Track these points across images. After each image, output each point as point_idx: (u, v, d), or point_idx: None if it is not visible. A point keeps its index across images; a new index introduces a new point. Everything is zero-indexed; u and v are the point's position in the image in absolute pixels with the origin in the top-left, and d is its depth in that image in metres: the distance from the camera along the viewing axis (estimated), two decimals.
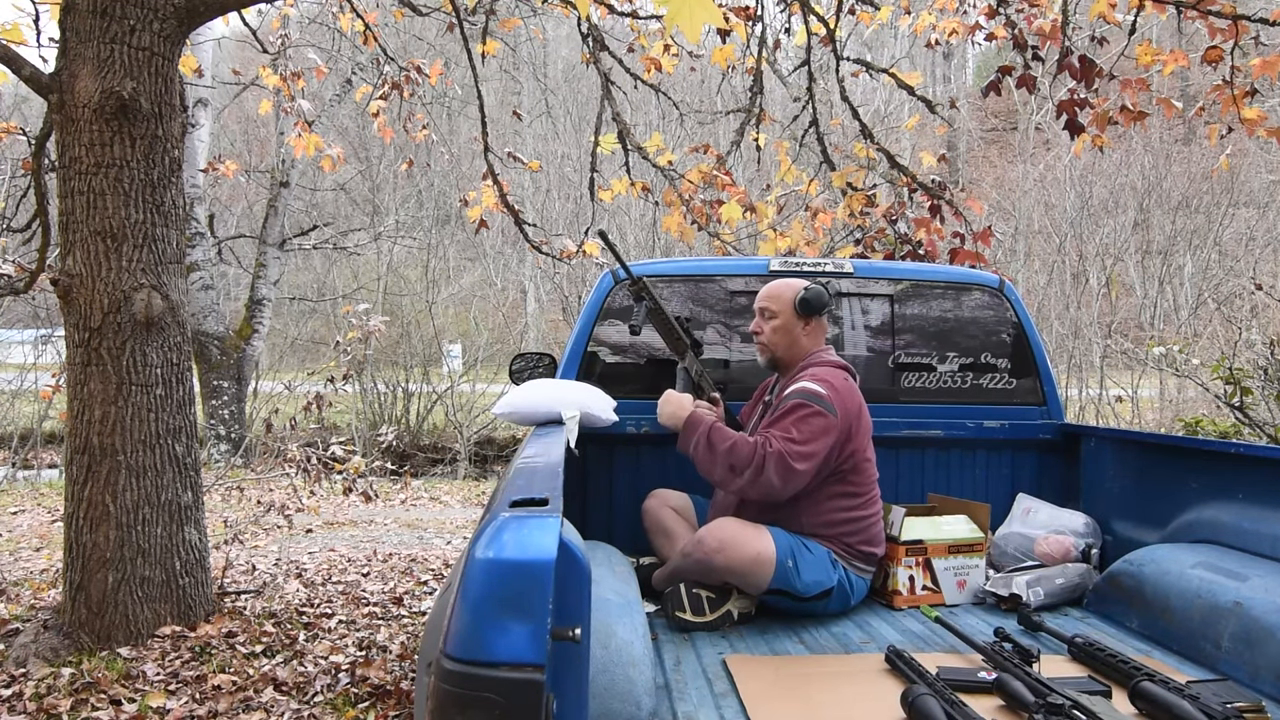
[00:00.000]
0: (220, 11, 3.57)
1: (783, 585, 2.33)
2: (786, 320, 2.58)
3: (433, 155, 13.52)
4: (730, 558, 2.30)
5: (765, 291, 2.63)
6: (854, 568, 2.47)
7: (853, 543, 2.46)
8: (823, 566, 2.39)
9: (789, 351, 2.60)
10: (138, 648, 3.20)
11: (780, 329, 2.58)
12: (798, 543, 2.39)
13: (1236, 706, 1.65)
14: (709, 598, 2.36)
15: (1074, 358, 12.24)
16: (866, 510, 2.51)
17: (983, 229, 4.65)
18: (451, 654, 0.97)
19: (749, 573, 2.31)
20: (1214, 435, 5.87)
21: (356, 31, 6.25)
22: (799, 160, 5.41)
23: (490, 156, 5.17)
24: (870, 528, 2.51)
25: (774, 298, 2.60)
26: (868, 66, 5.16)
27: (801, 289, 2.57)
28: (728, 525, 2.39)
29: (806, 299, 2.55)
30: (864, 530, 2.48)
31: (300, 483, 5.18)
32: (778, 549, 2.33)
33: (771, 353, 2.62)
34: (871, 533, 2.51)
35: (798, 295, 2.56)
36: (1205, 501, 2.50)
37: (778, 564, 2.31)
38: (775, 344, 2.60)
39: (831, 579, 2.39)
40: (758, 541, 2.33)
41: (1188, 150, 16.87)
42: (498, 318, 16.02)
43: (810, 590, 2.35)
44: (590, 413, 2.38)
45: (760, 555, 2.31)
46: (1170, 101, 4.36)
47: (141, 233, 3.28)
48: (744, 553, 2.30)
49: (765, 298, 2.62)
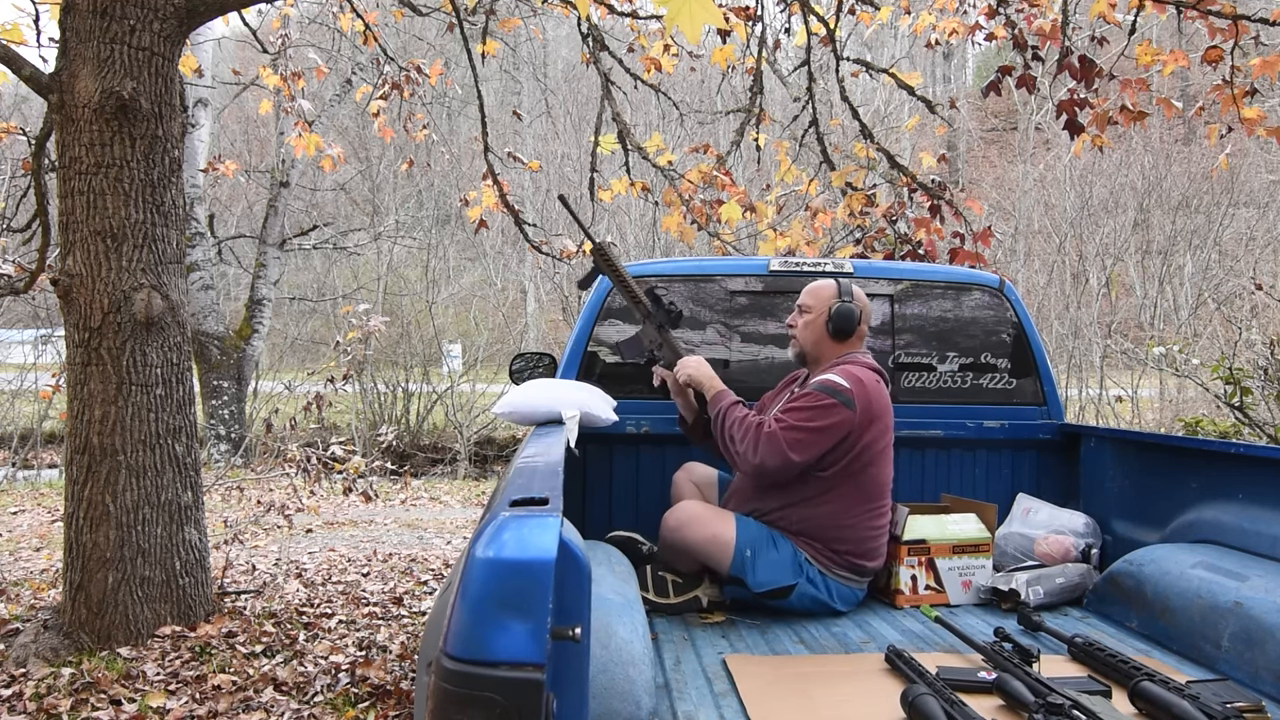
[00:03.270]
0: (220, 11, 3.57)
1: (739, 574, 2.39)
2: (819, 320, 2.59)
3: (433, 155, 13.52)
4: (686, 536, 2.40)
5: (808, 287, 2.66)
6: (836, 576, 2.44)
7: (840, 550, 2.43)
8: (783, 567, 2.39)
9: (815, 348, 2.60)
10: (138, 648, 3.20)
11: (811, 324, 2.60)
12: (766, 537, 2.42)
13: (1236, 706, 1.65)
14: (675, 582, 2.44)
15: (1074, 358, 12.25)
16: (867, 521, 2.46)
17: (983, 229, 4.65)
18: (452, 653, 0.97)
19: (706, 554, 2.40)
20: (1214, 435, 5.87)
21: (356, 31, 6.25)
22: (799, 160, 5.41)
23: (490, 156, 5.17)
24: (867, 540, 2.45)
25: (813, 294, 2.62)
26: (868, 66, 5.16)
27: (837, 302, 2.56)
28: (691, 507, 2.48)
29: (834, 317, 2.55)
30: (858, 540, 2.44)
31: (300, 483, 5.18)
32: (738, 536, 2.39)
33: (800, 347, 2.64)
34: (867, 546, 2.45)
35: (833, 307, 2.56)
36: (1205, 501, 2.50)
37: (736, 550, 2.38)
38: (804, 339, 2.62)
39: (788, 580, 2.39)
40: (716, 525, 2.41)
41: (1188, 150, 16.88)
42: (498, 318, 16.02)
43: (761, 587, 2.38)
44: (590, 412, 2.39)
45: (716, 538, 2.38)
46: (1170, 101, 4.36)
47: (141, 233, 3.28)
48: (700, 533, 2.39)
49: (806, 293, 2.65)
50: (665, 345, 2.79)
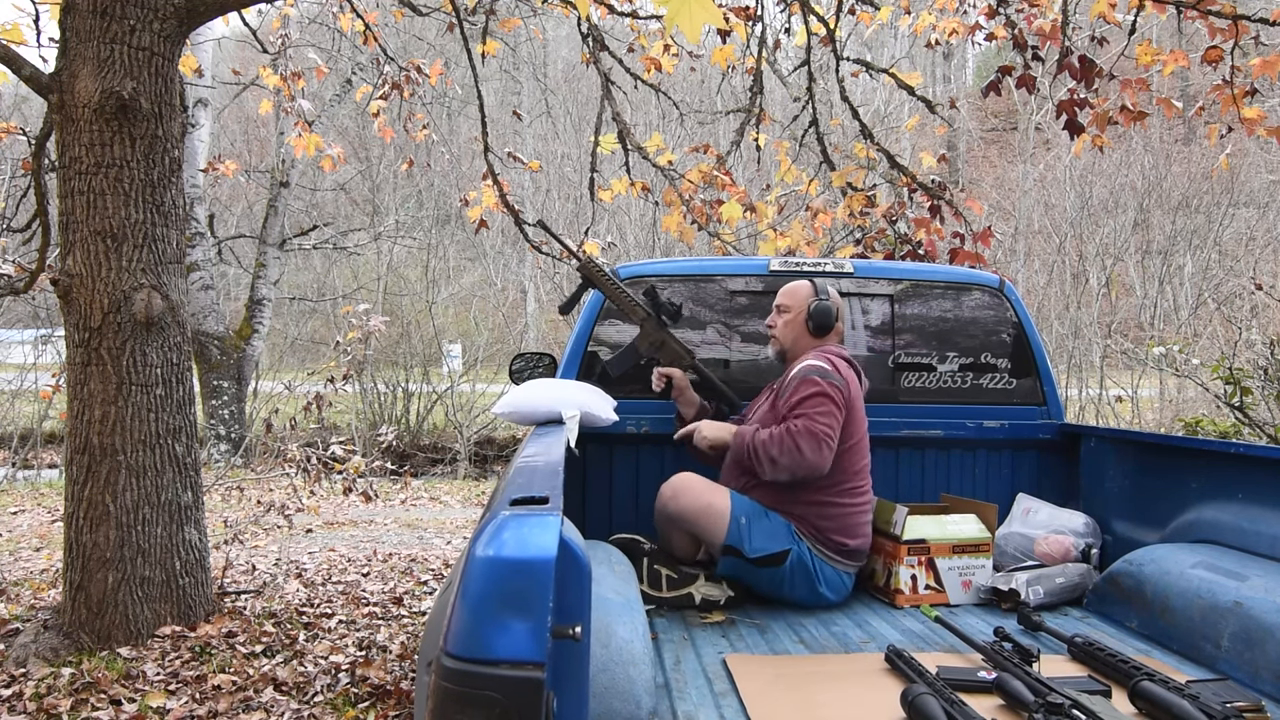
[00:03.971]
0: (220, 11, 3.57)
1: (735, 542, 2.43)
2: (798, 318, 2.71)
3: (433, 155, 13.51)
4: (682, 504, 2.47)
5: (784, 289, 2.79)
6: (824, 555, 2.49)
7: (823, 528, 2.49)
8: (777, 534, 2.46)
9: (796, 345, 2.73)
10: (138, 648, 3.20)
11: (791, 323, 2.72)
12: (759, 509, 2.49)
13: (1236, 706, 1.65)
14: (669, 577, 2.49)
15: (1074, 358, 12.24)
16: (846, 499, 2.53)
17: (983, 229, 4.65)
18: (452, 652, 0.97)
19: (701, 522, 2.45)
20: (1214, 435, 5.87)
21: (356, 31, 6.25)
22: (799, 160, 5.41)
23: (490, 156, 5.17)
24: (847, 516, 2.52)
25: (790, 295, 2.75)
26: (868, 66, 5.16)
27: (815, 300, 2.69)
28: (686, 477, 2.54)
29: (813, 315, 2.68)
30: (839, 518, 2.51)
31: (300, 483, 5.18)
32: (733, 505, 2.46)
33: (781, 345, 2.76)
34: (848, 522, 2.52)
35: (811, 304, 2.69)
36: (1205, 501, 2.50)
37: (731, 518, 2.44)
38: (784, 337, 2.74)
39: (782, 545, 2.45)
40: (711, 494, 2.49)
41: (1188, 150, 16.88)
42: (498, 318, 16.01)
43: (757, 553, 2.43)
44: (590, 412, 2.40)
45: (712, 506, 2.45)
46: (1170, 101, 4.36)
47: (141, 233, 3.28)
48: (696, 501, 2.46)
49: (783, 294, 2.77)
50: (666, 346, 2.82)
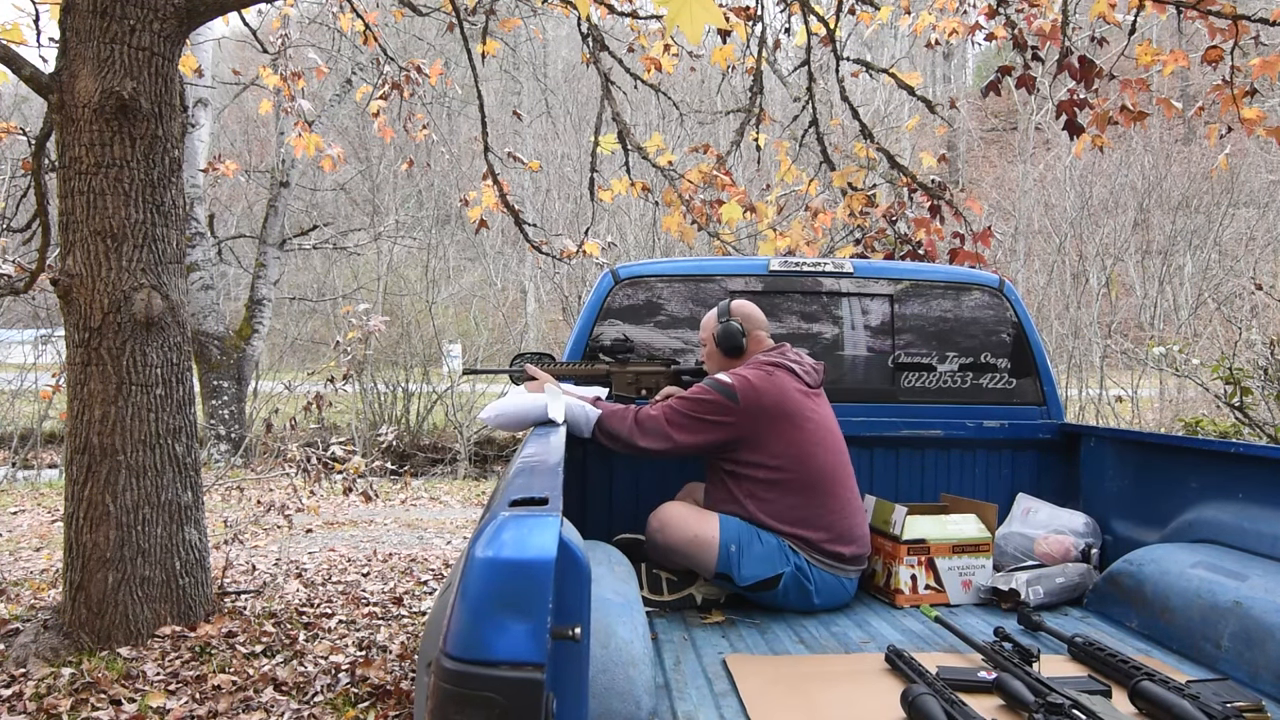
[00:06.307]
0: (220, 11, 3.57)
1: (725, 570, 2.43)
2: (712, 348, 2.76)
3: (433, 155, 13.51)
4: (669, 537, 2.47)
5: (702, 322, 2.83)
6: (821, 564, 2.46)
7: (814, 540, 2.46)
8: (769, 558, 2.43)
9: (722, 369, 2.71)
10: (138, 648, 3.20)
11: (709, 354, 2.78)
12: (750, 532, 2.46)
13: (1236, 706, 1.65)
14: (669, 580, 2.51)
15: (1074, 358, 12.24)
16: (822, 510, 2.48)
17: (983, 229, 4.65)
18: (451, 653, 0.97)
19: (690, 554, 2.45)
20: (1214, 435, 5.87)
21: (356, 31, 6.25)
22: (799, 160, 5.41)
23: (490, 156, 5.17)
24: (834, 524, 2.48)
25: (704, 328, 2.80)
26: (868, 66, 5.16)
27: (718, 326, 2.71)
28: (672, 508, 2.54)
29: (719, 341, 2.70)
30: (825, 528, 2.47)
31: (300, 483, 5.18)
32: (722, 533, 2.44)
33: (711, 375, 2.74)
34: (837, 529, 2.48)
35: (715, 332, 2.71)
36: (1205, 501, 2.49)
37: (720, 547, 2.43)
38: (711, 368, 2.78)
39: (774, 569, 2.42)
40: (698, 525, 2.46)
41: (1188, 150, 16.87)
42: (498, 318, 16.01)
43: (747, 580, 2.42)
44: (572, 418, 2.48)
45: (699, 538, 2.44)
46: (1170, 101, 4.36)
47: (141, 233, 3.28)
48: (682, 534, 2.45)
49: (701, 328, 2.83)
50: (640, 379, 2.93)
